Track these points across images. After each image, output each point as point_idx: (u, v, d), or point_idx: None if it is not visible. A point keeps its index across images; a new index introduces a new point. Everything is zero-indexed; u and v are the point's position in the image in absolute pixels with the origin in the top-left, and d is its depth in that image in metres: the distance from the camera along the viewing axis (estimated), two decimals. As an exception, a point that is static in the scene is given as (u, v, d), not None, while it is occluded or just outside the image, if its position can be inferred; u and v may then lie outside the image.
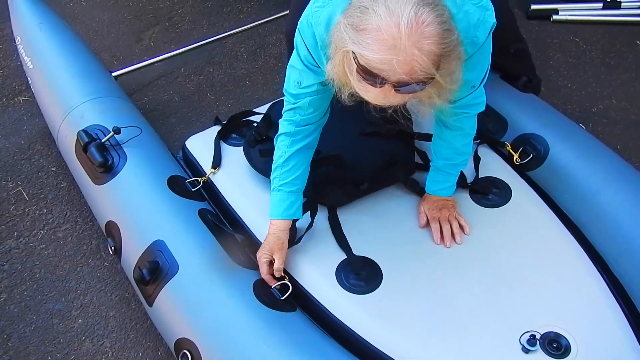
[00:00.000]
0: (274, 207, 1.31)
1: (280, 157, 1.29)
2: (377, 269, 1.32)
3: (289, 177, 1.29)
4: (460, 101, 1.21)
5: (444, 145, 1.37)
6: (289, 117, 1.27)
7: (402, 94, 0.94)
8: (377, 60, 0.89)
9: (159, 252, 1.28)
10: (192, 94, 2.25)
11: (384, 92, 0.94)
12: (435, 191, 1.42)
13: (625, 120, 2.16)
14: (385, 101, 0.97)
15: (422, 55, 0.88)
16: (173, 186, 1.43)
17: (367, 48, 0.89)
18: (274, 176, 1.31)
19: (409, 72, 0.89)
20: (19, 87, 2.25)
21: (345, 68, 0.96)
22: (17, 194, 1.87)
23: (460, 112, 1.27)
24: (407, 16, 0.86)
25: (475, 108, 1.29)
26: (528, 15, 2.66)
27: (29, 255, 1.71)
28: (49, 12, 1.91)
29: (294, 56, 1.21)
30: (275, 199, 1.31)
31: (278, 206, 1.30)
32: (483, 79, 1.21)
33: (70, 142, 1.56)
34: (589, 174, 1.49)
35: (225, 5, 2.74)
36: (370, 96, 0.97)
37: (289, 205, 1.30)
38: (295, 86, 1.23)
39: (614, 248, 1.39)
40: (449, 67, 0.94)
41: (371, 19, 0.88)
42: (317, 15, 1.08)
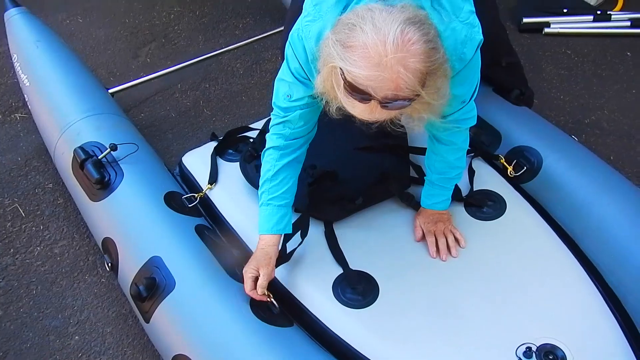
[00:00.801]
0: (262, 222, 1.29)
1: (268, 170, 1.28)
2: (374, 283, 1.32)
3: (278, 191, 1.28)
4: (451, 116, 1.23)
5: (437, 160, 1.38)
6: (278, 131, 1.27)
7: (388, 110, 0.96)
8: (363, 77, 0.91)
9: (155, 269, 1.28)
10: (189, 110, 2.27)
11: (370, 108, 0.96)
12: (430, 205, 1.43)
13: (617, 131, 2.19)
14: (372, 116, 0.99)
15: (407, 73, 0.90)
16: (170, 202, 1.44)
17: (353, 65, 0.91)
18: (262, 190, 1.29)
19: (394, 89, 0.91)
20: (16, 104, 2.26)
21: (333, 82, 0.98)
22: (14, 210, 1.87)
23: (451, 126, 1.27)
24: (393, 34, 0.89)
25: (466, 122, 1.30)
26: (520, 29, 2.70)
27: (26, 271, 1.71)
28: (45, 29, 1.92)
29: (283, 69, 1.22)
30: (264, 213, 1.29)
31: (267, 221, 1.28)
32: (473, 94, 1.23)
33: (67, 159, 1.57)
34: (582, 186, 1.51)
35: (221, 21, 2.76)
36: (357, 111, 0.99)
37: (278, 219, 1.28)
38: (285, 99, 1.23)
39: (608, 259, 1.40)
40: (435, 84, 0.96)
41: (358, 36, 0.90)
42: (307, 29, 1.09)
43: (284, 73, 1.22)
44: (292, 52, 1.16)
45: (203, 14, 2.81)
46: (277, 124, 1.27)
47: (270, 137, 1.29)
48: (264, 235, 1.29)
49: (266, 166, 1.29)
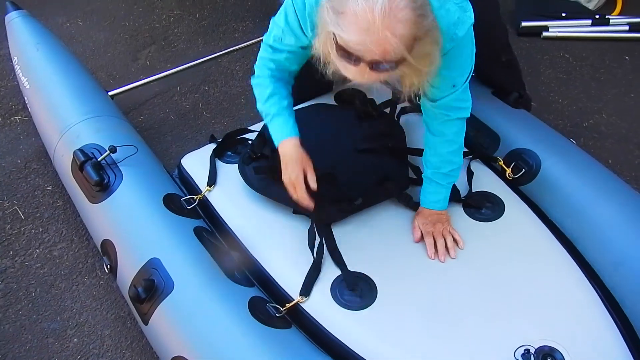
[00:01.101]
0: (280, 129, 1.34)
1: (266, 89, 1.35)
2: (372, 284, 1.32)
3: (284, 103, 1.36)
4: (441, 101, 1.28)
5: (430, 153, 1.40)
6: (265, 64, 1.35)
7: (377, 73, 1.02)
8: (353, 42, 0.98)
9: (154, 270, 1.28)
10: (188, 112, 2.27)
11: (360, 71, 1.02)
12: (428, 203, 1.43)
13: (615, 134, 2.19)
14: (363, 79, 1.04)
15: (394, 38, 0.96)
16: (169, 204, 1.44)
17: (345, 30, 0.98)
18: (268, 105, 1.35)
19: (381, 54, 0.97)
20: (16, 106, 2.26)
21: (328, 46, 1.06)
22: (13, 213, 1.88)
23: (441, 113, 1.31)
24: (382, 1, 0.95)
25: (457, 112, 1.32)
26: (518, 32, 2.71)
27: (25, 274, 1.71)
28: (45, 32, 1.93)
29: (280, 14, 1.27)
30: (279, 122, 1.34)
31: (285, 126, 1.34)
32: (465, 81, 1.26)
33: (66, 161, 1.57)
34: (580, 189, 1.51)
35: (220, 24, 2.77)
36: (349, 74, 1.06)
37: (292, 124, 1.35)
38: (276, 41, 1.30)
39: (606, 261, 1.40)
40: (423, 50, 1.02)
41: (350, 3, 0.97)
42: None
43: (280, 18, 1.27)
44: (290, 2, 1.21)
45: (203, 17, 2.82)
46: (266, 57, 1.35)
47: (258, 66, 1.37)
48: (286, 141, 1.33)
49: (262, 88, 1.36)
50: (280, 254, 1.39)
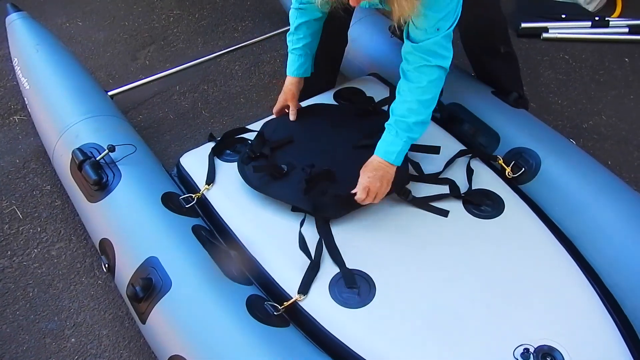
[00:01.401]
0: (288, 65, 1.61)
1: (292, 25, 1.56)
2: (371, 282, 1.31)
3: (298, 44, 1.57)
4: (423, 43, 1.28)
5: (400, 100, 1.37)
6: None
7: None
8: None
9: (152, 269, 1.28)
10: (187, 112, 2.27)
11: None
12: (381, 152, 1.38)
13: (615, 136, 2.19)
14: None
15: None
16: (167, 203, 1.43)
17: None
18: (288, 41, 1.60)
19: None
20: (15, 106, 2.26)
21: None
22: (11, 212, 1.87)
23: (422, 56, 1.30)
24: None
25: (437, 58, 1.31)
26: (518, 33, 2.71)
27: (23, 274, 1.70)
28: (45, 33, 1.93)
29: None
30: (289, 59, 1.60)
31: (290, 65, 1.60)
32: (449, 27, 1.28)
33: (65, 160, 1.57)
34: (580, 188, 1.51)
35: (220, 24, 2.78)
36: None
37: (298, 65, 1.59)
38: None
39: (605, 261, 1.40)
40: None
41: None
42: None
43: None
44: None
45: (202, 17, 2.83)
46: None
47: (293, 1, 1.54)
48: (288, 77, 1.62)
49: (290, 22, 1.57)
50: (279, 252, 1.38)
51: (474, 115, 1.75)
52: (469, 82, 1.86)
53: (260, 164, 1.49)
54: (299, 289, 1.29)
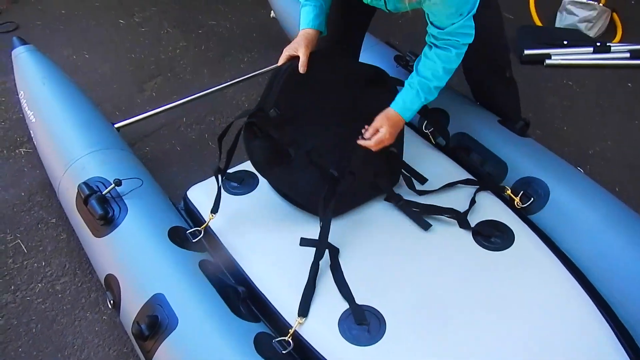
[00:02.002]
0: (302, 19, 1.52)
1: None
2: (381, 318, 1.29)
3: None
4: (450, 28, 1.36)
5: (426, 64, 1.45)
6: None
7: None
8: None
9: (158, 306, 1.26)
10: (194, 143, 2.27)
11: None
12: (401, 108, 1.46)
13: (622, 161, 2.18)
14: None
15: None
16: (174, 237, 1.42)
17: None
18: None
19: None
20: (21, 138, 2.27)
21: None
22: (16, 246, 1.86)
23: (449, 38, 1.40)
24: None
25: (464, 37, 1.40)
26: (521, 60, 2.73)
27: (26, 309, 1.68)
28: (52, 66, 1.94)
29: None
30: (303, 12, 1.52)
31: (305, 17, 1.51)
32: (471, 9, 1.34)
33: (71, 194, 1.56)
34: (589, 218, 1.50)
35: (226, 55, 2.80)
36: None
37: (314, 16, 1.50)
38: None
39: (617, 292, 1.38)
40: None
41: None
42: None
43: None
44: None
45: (209, 48, 2.85)
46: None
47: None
48: (302, 30, 1.50)
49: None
50: (286, 287, 1.36)
51: (481, 145, 1.74)
52: (475, 111, 1.86)
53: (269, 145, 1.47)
54: (299, 312, 1.28)
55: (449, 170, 1.68)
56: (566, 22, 2.95)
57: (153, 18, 3.12)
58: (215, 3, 3.26)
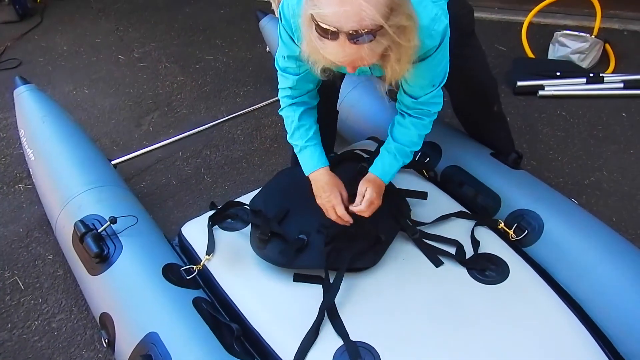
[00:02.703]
0: (310, 160, 1.48)
1: (292, 122, 1.49)
2: (376, 355, 1.28)
3: (309, 134, 1.49)
4: (422, 98, 1.41)
5: (401, 131, 1.49)
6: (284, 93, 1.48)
7: (356, 45, 1.06)
8: (329, 14, 1.04)
9: (152, 345, 1.25)
10: (190, 177, 2.29)
11: (340, 45, 1.07)
12: (381, 173, 1.49)
13: (618, 192, 2.19)
14: (344, 56, 1.10)
15: (367, 4, 1.03)
16: (168, 275, 1.42)
17: (321, 7, 1.06)
18: (297, 137, 1.49)
19: (358, 21, 1.03)
20: (20, 174, 2.30)
21: (310, 36, 1.12)
22: (13, 283, 1.86)
23: (421, 108, 1.44)
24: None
25: (434, 106, 1.45)
26: (515, 91, 2.76)
27: (22, 348, 1.67)
28: (52, 104, 1.98)
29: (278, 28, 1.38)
30: (307, 154, 1.48)
31: (312, 158, 1.48)
32: (442, 81, 1.39)
33: (67, 232, 1.57)
34: (585, 249, 1.50)
35: (222, 89, 2.85)
36: (330, 51, 1.10)
37: (319, 154, 1.48)
38: (283, 61, 1.42)
39: (616, 326, 1.37)
40: (399, 21, 1.08)
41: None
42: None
43: (279, 32, 1.38)
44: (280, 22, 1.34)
45: (205, 83, 2.90)
46: (282, 87, 1.48)
47: (280, 98, 1.50)
48: (317, 172, 1.47)
49: (288, 121, 1.51)
50: (280, 324, 1.36)
51: (473, 178, 1.76)
52: (467, 144, 1.88)
53: (282, 245, 1.47)
54: (295, 357, 1.27)
55: (442, 203, 1.69)
56: (559, 54, 2.99)
57: (152, 53, 3.19)
58: (214, 38, 3.33)
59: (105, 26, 3.51)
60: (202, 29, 3.45)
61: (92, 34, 3.42)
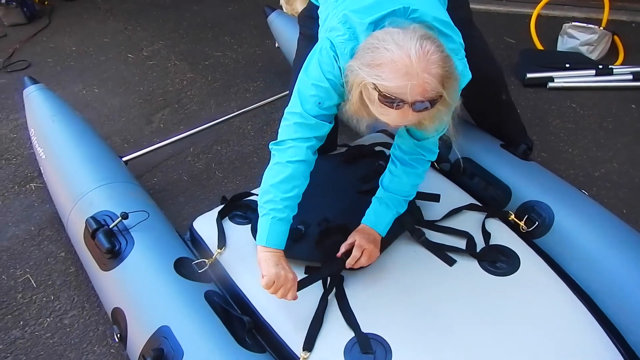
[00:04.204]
0: (280, 235, 1.30)
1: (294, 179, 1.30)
2: (387, 346, 1.28)
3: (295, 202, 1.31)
4: (424, 142, 1.41)
5: (393, 180, 1.46)
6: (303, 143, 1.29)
7: (418, 113, 1.11)
8: (395, 87, 1.07)
9: (163, 339, 1.26)
10: (201, 173, 2.30)
11: (402, 113, 1.11)
12: (373, 223, 1.44)
13: (629, 183, 2.17)
14: (404, 121, 1.14)
15: (431, 78, 1.07)
16: (179, 269, 1.43)
17: (385, 79, 1.08)
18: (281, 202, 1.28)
19: (422, 93, 1.08)
20: (31, 174, 2.31)
21: (365, 100, 1.14)
22: (25, 281, 1.88)
23: (420, 152, 1.43)
24: (414, 48, 1.07)
25: (431, 154, 1.45)
26: (524, 84, 2.75)
27: (34, 345, 1.69)
28: (61, 103, 1.99)
29: (314, 74, 1.26)
30: (279, 228, 1.29)
31: (282, 236, 1.30)
32: (443, 131, 1.39)
33: (79, 229, 1.59)
34: (595, 241, 1.49)
35: (232, 85, 2.86)
36: (391, 118, 1.14)
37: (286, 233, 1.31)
38: (316, 106, 1.28)
39: (627, 318, 1.36)
40: (452, 86, 1.13)
41: (384, 54, 1.08)
42: (342, 46, 1.22)
43: (318, 78, 1.26)
44: (326, 60, 1.25)
45: (215, 79, 2.91)
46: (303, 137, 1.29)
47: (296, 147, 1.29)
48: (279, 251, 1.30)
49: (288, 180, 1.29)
50: (292, 316, 1.36)
51: (484, 169, 1.75)
52: (477, 136, 1.87)
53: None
54: (304, 346, 1.27)
55: (453, 196, 1.69)
56: (567, 46, 2.97)
57: (161, 52, 3.20)
58: (222, 35, 3.34)
59: (113, 26, 3.53)
60: (210, 26, 3.46)
61: (100, 34, 3.43)
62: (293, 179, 1.30)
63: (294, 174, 1.30)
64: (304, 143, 1.30)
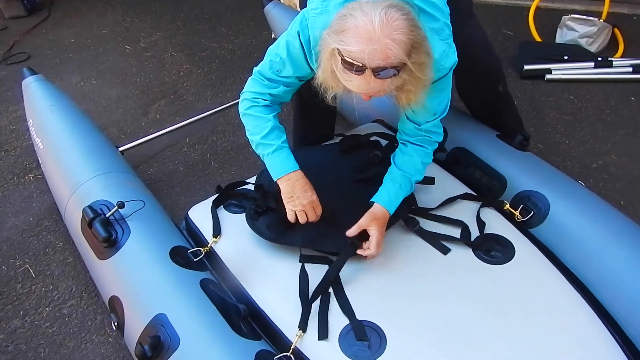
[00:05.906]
0: (287, 162, 1.43)
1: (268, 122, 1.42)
2: (381, 334, 1.29)
3: (282, 136, 1.45)
4: (424, 125, 1.45)
5: (404, 159, 1.49)
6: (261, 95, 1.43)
7: (381, 80, 1.12)
8: (357, 51, 1.09)
9: (160, 327, 1.27)
10: (197, 163, 2.31)
11: (365, 79, 1.12)
12: (386, 202, 1.45)
13: (626, 175, 2.17)
14: (367, 87, 1.14)
15: (394, 44, 1.08)
16: (175, 257, 1.44)
17: (348, 43, 1.10)
18: (272, 137, 1.42)
19: (384, 59, 1.09)
20: (30, 165, 2.32)
21: (332, 66, 1.16)
22: (24, 271, 1.89)
23: (424, 135, 1.48)
24: (378, 15, 1.08)
25: (436, 136, 1.49)
26: (522, 75, 2.75)
27: (34, 334, 1.70)
28: (59, 94, 2.00)
29: (280, 47, 1.37)
30: (283, 156, 1.42)
31: (289, 159, 1.43)
32: (443, 112, 1.44)
33: (76, 218, 1.59)
34: (591, 231, 1.50)
35: (228, 76, 2.86)
36: (354, 84, 1.15)
37: (293, 157, 1.45)
38: (274, 72, 1.41)
39: (623, 308, 1.37)
40: (419, 58, 1.13)
41: (349, 21, 1.11)
42: (314, 20, 1.27)
43: (280, 50, 1.37)
44: (295, 32, 1.32)
45: (211, 70, 2.91)
46: (259, 91, 1.44)
47: (252, 98, 1.44)
48: (296, 172, 1.43)
49: (260, 122, 1.43)
50: (287, 304, 1.37)
51: (479, 159, 1.76)
52: (473, 126, 1.87)
53: (271, 219, 1.50)
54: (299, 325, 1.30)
55: (448, 185, 1.69)
56: (566, 38, 2.96)
57: (158, 43, 3.20)
58: (219, 26, 3.34)
59: (111, 18, 3.53)
60: (207, 18, 3.46)
61: (98, 25, 3.43)
62: (260, 120, 1.43)
63: (258, 117, 1.43)
64: (257, 96, 1.44)
